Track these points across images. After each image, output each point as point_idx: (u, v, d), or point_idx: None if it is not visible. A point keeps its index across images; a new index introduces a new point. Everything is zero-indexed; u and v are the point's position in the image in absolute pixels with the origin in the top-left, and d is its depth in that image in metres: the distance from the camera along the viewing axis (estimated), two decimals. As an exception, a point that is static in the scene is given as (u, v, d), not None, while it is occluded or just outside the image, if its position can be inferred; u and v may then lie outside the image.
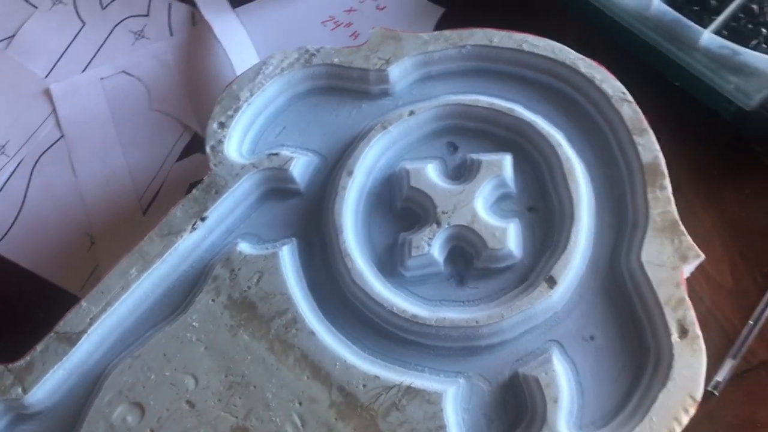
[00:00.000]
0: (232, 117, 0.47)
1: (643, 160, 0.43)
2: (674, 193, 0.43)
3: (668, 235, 0.41)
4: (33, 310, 0.52)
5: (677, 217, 0.42)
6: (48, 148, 0.59)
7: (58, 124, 0.60)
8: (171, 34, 0.62)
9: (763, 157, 0.52)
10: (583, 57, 0.47)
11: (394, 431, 0.39)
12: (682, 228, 0.42)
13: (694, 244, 0.41)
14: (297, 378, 0.41)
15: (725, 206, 0.51)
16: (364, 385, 0.40)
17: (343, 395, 0.40)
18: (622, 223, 0.43)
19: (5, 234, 0.56)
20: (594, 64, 0.46)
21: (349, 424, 0.40)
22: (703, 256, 0.41)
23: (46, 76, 0.61)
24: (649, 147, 0.44)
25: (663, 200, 0.42)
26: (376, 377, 0.40)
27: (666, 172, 0.43)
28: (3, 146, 0.59)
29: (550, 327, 0.41)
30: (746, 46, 0.49)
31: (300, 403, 0.40)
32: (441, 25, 0.60)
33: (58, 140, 0.59)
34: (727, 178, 0.52)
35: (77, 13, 0.64)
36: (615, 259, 0.42)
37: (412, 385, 0.40)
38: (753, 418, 0.45)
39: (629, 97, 0.45)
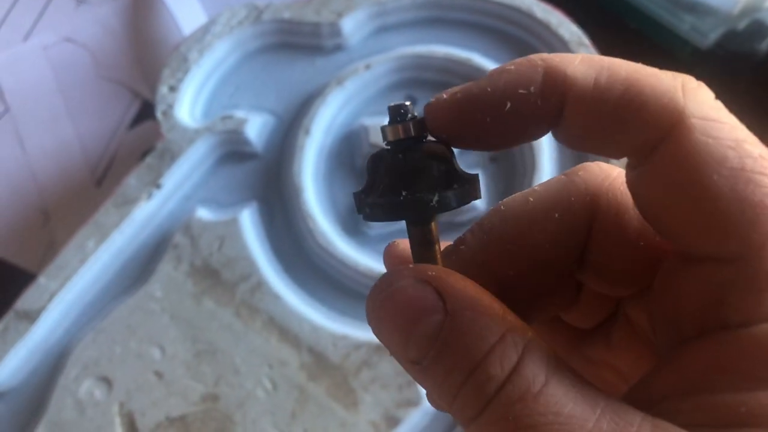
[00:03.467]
0: (181, 80, 0.46)
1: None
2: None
3: (629, 177, 0.42)
4: (-9, 290, 0.50)
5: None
6: (-7, 123, 0.56)
7: (2, 97, 0.57)
8: (114, -2, 0.59)
9: (719, 97, 0.52)
10: (539, 2, 0.46)
11: (366, 388, 0.39)
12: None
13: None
14: (265, 342, 0.41)
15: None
16: (333, 345, 0.40)
17: (313, 356, 0.40)
18: (583, 168, 0.43)
19: (-45, 214, 0.53)
20: (550, 8, 0.46)
21: (321, 383, 0.40)
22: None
23: (-15, 48, 0.59)
24: (608, 90, 0.44)
25: (623, 143, 0.42)
26: (345, 336, 0.40)
27: (625, 114, 0.43)
28: (-55, 123, 0.57)
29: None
30: (701, -17, 0.49)
31: (270, 367, 0.40)
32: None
33: (3, 114, 0.57)
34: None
35: (13, -22, 0.61)
36: (577, 204, 0.42)
37: (381, 342, 0.40)
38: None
39: (586, 41, 0.45)
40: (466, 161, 0.44)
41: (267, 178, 0.45)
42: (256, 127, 0.45)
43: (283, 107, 0.46)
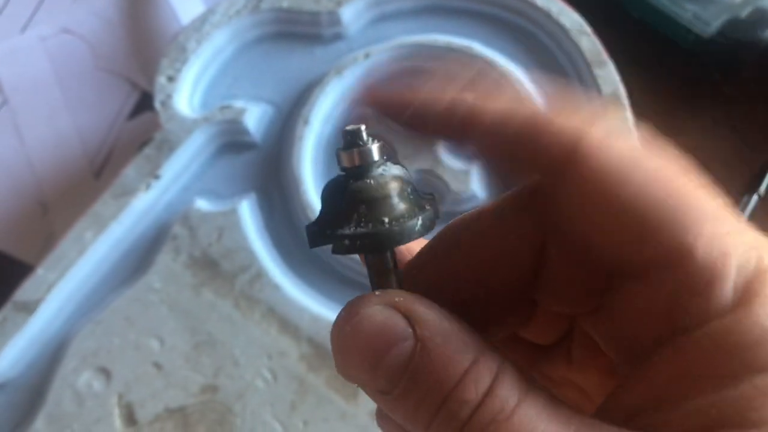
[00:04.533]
0: (179, 70, 0.45)
1: (603, 92, 0.43)
2: (635, 124, 0.42)
3: (630, 166, 0.41)
4: (-10, 283, 0.50)
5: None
6: (-9, 115, 0.56)
7: (0, 89, 0.57)
8: (112, -12, 0.58)
9: (722, 86, 0.52)
10: (540, -11, 0.45)
11: (366, 379, 0.39)
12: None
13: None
14: (265, 333, 0.40)
15: (686, 134, 0.51)
16: (333, 336, 0.40)
17: (313, 347, 0.40)
18: (584, 157, 0.43)
19: (-47, 207, 0.53)
20: (551, -4, 0.45)
21: (321, 374, 0.39)
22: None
23: (-17, 39, 0.58)
24: (609, 79, 0.43)
25: (624, 131, 0.42)
26: (345, 326, 0.40)
27: (627, 103, 0.43)
28: (-57, 115, 0.56)
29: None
30: (703, -29, 0.49)
31: (269, 358, 0.40)
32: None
33: (1, 106, 0.56)
34: (688, 106, 0.51)
35: (11, -30, 0.60)
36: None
37: (381, 332, 0.40)
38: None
39: (587, 29, 0.44)
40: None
41: (266, 169, 0.44)
42: (254, 117, 0.44)
43: (282, 97, 0.46)
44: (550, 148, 0.17)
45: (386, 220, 0.17)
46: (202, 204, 0.43)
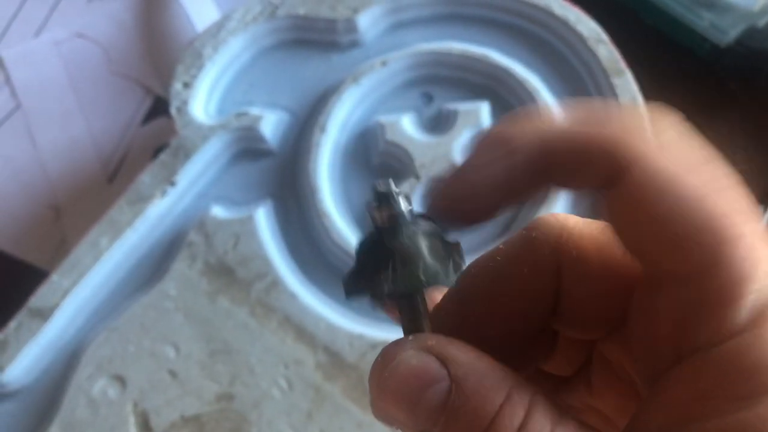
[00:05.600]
0: (195, 76, 0.45)
1: (621, 102, 0.43)
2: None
3: (649, 176, 0.41)
4: (2, 287, 0.50)
5: (657, 158, 0.42)
6: (4, 120, 0.56)
7: (13, 93, 0.57)
8: (126, -7, 0.58)
9: (739, 94, 0.51)
10: (557, -2, 0.45)
11: (382, 388, 0.39)
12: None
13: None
14: (281, 341, 0.40)
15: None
16: (349, 344, 0.40)
17: (329, 355, 0.40)
18: (602, 167, 0.43)
19: (-34, 211, 0.53)
20: (568, 5, 0.45)
21: (337, 383, 0.39)
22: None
23: (-3, 43, 0.58)
24: (627, 88, 0.43)
25: (643, 142, 0.42)
26: (361, 336, 0.40)
27: (644, 112, 0.42)
28: (-44, 119, 0.56)
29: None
30: (721, -20, 0.48)
31: (285, 366, 0.40)
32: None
33: (15, 110, 0.56)
34: (704, 116, 0.51)
35: (24, -27, 0.60)
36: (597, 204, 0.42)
37: (398, 342, 0.39)
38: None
39: (605, 37, 0.44)
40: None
41: (282, 176, 0.44)
42: (270, 125, 0.44)
43: (298, 104, 0.46)
44: (592, 167, 0.17)
45: (422, 278, 0.18)
46: (218, 211, 0.43)
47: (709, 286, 0.16)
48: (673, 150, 0.17)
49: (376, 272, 0.18)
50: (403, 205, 0.19)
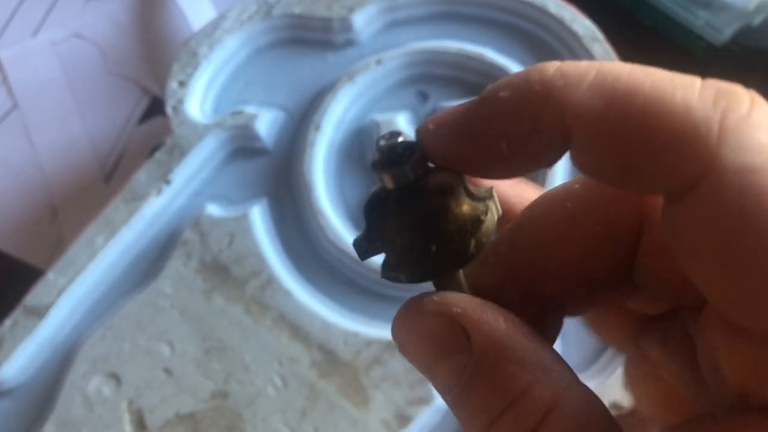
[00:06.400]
0: (191, 75, 0.45)
1: (616, 100, 0.43)
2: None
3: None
4: (-1, 286, 0.50)
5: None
6: (2, 120, 0.56)
7: (10, 92, 0.57)
8: (123, -7, 0.59)
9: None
10: (552, -4, 0.45)
11: (377, 386, 0.39)
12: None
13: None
14: (276, 339, 0.40)
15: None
16: (344, 342, 0.40)
17: (324, 353, 0.40)
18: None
19: (-37, 210, 0.53)
20: (563, 3, 0.45)
21: (332, 381, 0.39)
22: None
23: (-6, 43, 0.58)
24: (622, 86, 0.43)
25: (637, 140, 0.42)
26: (356, 333, 0.40)
27: (639, 111, 0.43)
28: (-46, 119, 0.56)
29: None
30: (716, -21, 0.48)
31: (280, 364, 0.40)
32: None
33: (12, 110, 0.56)
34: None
35: (22, -26, 0.60)
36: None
37: (392, 339, 0.39)
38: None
39: (600, 36, 0.44)
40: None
41: (277, 174, 0.44)
42: (266, 123, 0.44)
43: (294, 103, 0.46)
44: (669, 167, 0.13)
45: (455, 235, 0.15)
46: (213, 209, 0.43)
47: None
48: (750, 172, 0.13)
49: (404, 246, 0.16)
50: (417, 162, 0.15)
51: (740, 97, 0.13)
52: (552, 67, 0.15)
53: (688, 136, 0.13)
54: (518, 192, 0.19)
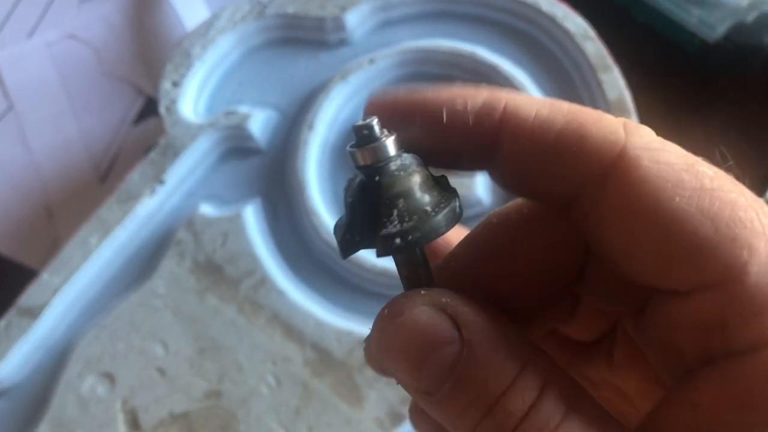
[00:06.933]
0: (184, 75, 0.45)
1: (608, 98, 0.43)
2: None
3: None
4: (-6, 287, 0.50)
5: (644, 153, 0.42)
6: (-2, 121, 0.56)
7: (6, 94, 0.57)
8: (118, -6, 0.59)
9: (728, 90, 0.51)
10: (544, -6, 0.45)
11: (371, 384, 0.39)
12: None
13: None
14: (269, 338, 0.40)
15: (693, 140, 0.51)
16: (337, 341, 0.40)
17: (317, 352, 0.40)
18: (589, 162, 0.43)
19: (-41, 212, 0.53)
20: (555, 1, 0.45)
21: (325, 380, 0.39)
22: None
23: (-10, 45, 0.58)
24: (614, 84, 0.43)
25: (630, 137, 0.42)
26: (350, 332, 0.40)
27: (632, 109, 0.43)
28: (-51, 121, 0.57)
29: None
30: (708, -24, 0.48)
31: (274, 363, 0.40)
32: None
33: (7, 112, 0.56)
34: (694, 112, 0.51)
35: (17, -24, 0.60)
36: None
37: (386, 338, 0.39)
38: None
39: (592, 33, 0.44)
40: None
41: (271, 174, 0.44)
42: (259, 123, 0.44)
43: (287, 102, 0.46)
44: (594, 151, 0.16)
45: (428, 209, 0.16)
46: (207, 209, 0.43)
47: (741, 290, 0.15)
48: (666, 149, 0.16)
49: (377, 217, 0.16)
50: (391, 143, 0.17)
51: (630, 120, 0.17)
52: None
53: (604, 126, 0.16)
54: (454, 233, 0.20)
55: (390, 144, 0.17)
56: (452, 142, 0.17)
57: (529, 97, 0.17)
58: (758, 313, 0.15)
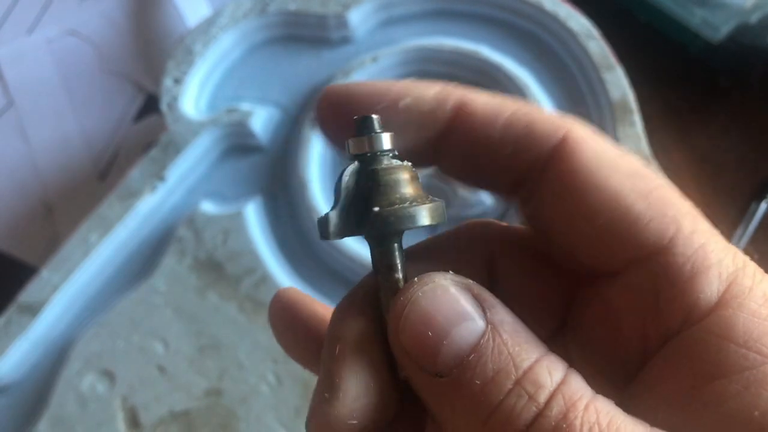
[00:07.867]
0: (186, 72, 0.45)
1: (611, 97, 0.43)
2: (644, 129, 0.42)
3: (639, 171, 0.41)
4: (-7, 284, 0.50)
5: (648, 153, 0.41)
6: (-3, 117, 0.56)
7: (6, 90, 0.57)
8: (119, -9, 0.58)
9: (731, 91, 0.51)
10: (548, -7, 0.45)
11: (372, 384, 0.39)
12: (654, 164, 0.41)
13: (667, 180, 0.41)
14: (270, 336, 0.40)
15: (695, 141, 0.50)
16: (338, 340, 0.40)
17: (318, 351, 0.40)
18: (592, 162, 0.43)
19: (-42, 208, 0.53)
20: (559, 1, 0.45)
21: (326, 379, 0.39)
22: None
23: (-10, 41, 0.58)
24: (618, 84, 0.43)
25: (633, 137, 0.42)
26: (351, 331, 0.40)
27: (635, 108, 0.42)
28: (-51, 116, 0.56)
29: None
30: (712, -24, 0.48)
31: (274, 362, 0.40)
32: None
33: (7, 108, 0.56)
34: (697, 112, 0.51)
35: (18, -28, 0.60)
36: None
37: (387, 337, 0.39)
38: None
39: (595, 33, 0.44)
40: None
41: (272, 172, 0.44)
42: (261, 120, 0.44)
43: (289, 100, 0.46)
44: (539, 136, 0.17)
45: (417, 200, 0.17)
46: (208, 206, 0.43)
47: (670, 263, 0.16)
48: (605, 140, 0.18)
49: (365, 200, 0.17)
50: (387, 138, 0.18)
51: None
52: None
53: (548, 117, 0.18)
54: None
55: (386, 138, 0.18)
56: (407, 132, 0.18)
57: (481, 92, 0.19)
58: (686, 286, 0.16)
